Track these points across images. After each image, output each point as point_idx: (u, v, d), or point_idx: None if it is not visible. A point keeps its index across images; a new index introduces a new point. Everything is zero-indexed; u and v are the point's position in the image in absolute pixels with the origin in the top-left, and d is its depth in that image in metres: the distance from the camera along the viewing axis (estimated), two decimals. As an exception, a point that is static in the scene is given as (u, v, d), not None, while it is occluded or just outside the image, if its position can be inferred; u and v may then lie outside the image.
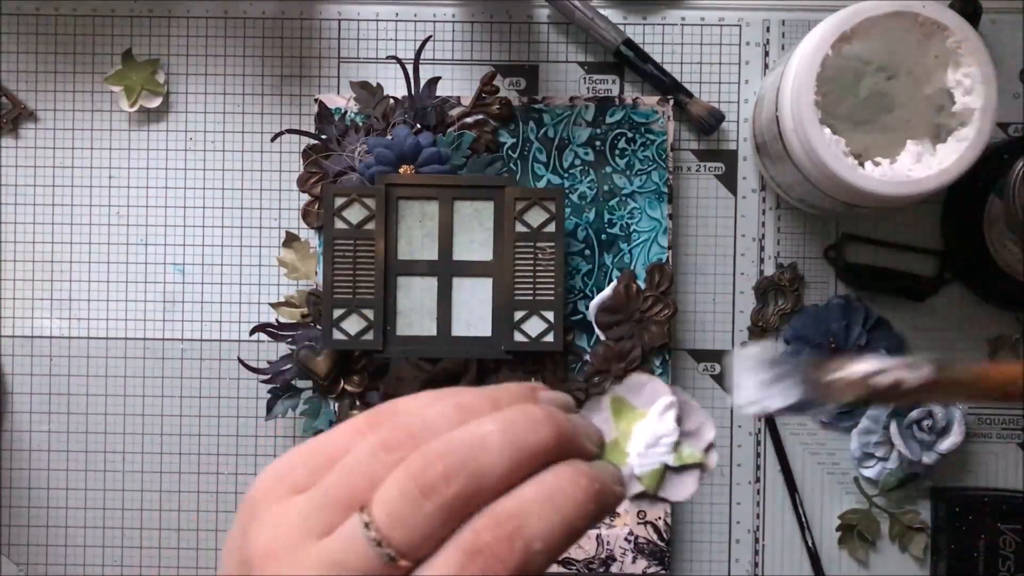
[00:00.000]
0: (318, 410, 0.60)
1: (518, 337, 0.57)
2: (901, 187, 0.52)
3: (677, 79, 0.62)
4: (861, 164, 0.52)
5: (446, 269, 0.57)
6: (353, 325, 0.57)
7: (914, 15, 0.52)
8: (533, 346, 0.57)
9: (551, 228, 0.57)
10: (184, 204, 0.63)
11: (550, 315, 0.57)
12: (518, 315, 0.57)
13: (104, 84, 0.62)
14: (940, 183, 0.51)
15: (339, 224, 0.57)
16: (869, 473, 0.62)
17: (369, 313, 0.57)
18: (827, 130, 0.52)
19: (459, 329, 0.57)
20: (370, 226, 0.57)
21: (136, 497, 0.62)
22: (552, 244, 0.57)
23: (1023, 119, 0.62)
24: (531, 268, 0.57)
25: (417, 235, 0.57)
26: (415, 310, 0.57)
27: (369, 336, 0.57)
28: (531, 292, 0.57)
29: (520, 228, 0.57)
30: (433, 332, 0.57)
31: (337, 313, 0.57)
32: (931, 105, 0.56)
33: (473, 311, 0.57)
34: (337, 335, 0.57)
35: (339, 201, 0.57)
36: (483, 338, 0.57)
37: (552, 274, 0.57)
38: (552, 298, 0.57)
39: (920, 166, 0.52)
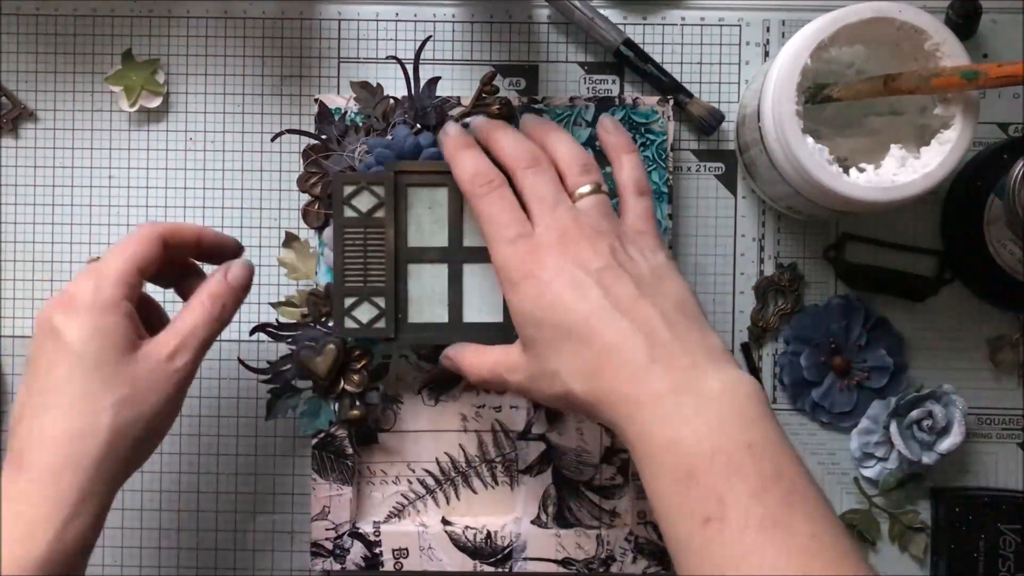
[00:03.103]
0: (318, 410, 0.60)
1: None
2: (886, 193, 0.52)
3: (677, 79, 0.62)
4: (846, 170, 0.53)
5: (456, 255, 0.57)
6: (364, 314, 0.57)
7: (891, 20, 0.52)
8: None
9: None
10: (184, 204, 0.63)
11: None
12: None
13: (104, 84, 0.62)
14: (925, 187, 0.52)
15: (348, 212, 0.57)
16: (869, 473, 0.62)
17: (380, 301, 0.57)
18: (810, 139, 0.52)
19: (470, 315, 0.57)
20: (379, 214, 0.57)
21: (135, 497, 0.62)
22: None
23: (1023, 119, 0.62)
24: None
25: (427, 222, 0.57)
26: (426, 297, 0.57)
27: (381, 324, 0.57)
28: None
29: None
30: (444, 319, 0.57)
31: (348, 302, 0.57)
32: (915, 106, 0.56)
33: (484, 297, 0.57)
34: (349, 323, 0.57)
35: (348, 189, 0.57)
36: (495, 323, 0.57)
37: None
38: None
39: (905, 170, 0.53)
